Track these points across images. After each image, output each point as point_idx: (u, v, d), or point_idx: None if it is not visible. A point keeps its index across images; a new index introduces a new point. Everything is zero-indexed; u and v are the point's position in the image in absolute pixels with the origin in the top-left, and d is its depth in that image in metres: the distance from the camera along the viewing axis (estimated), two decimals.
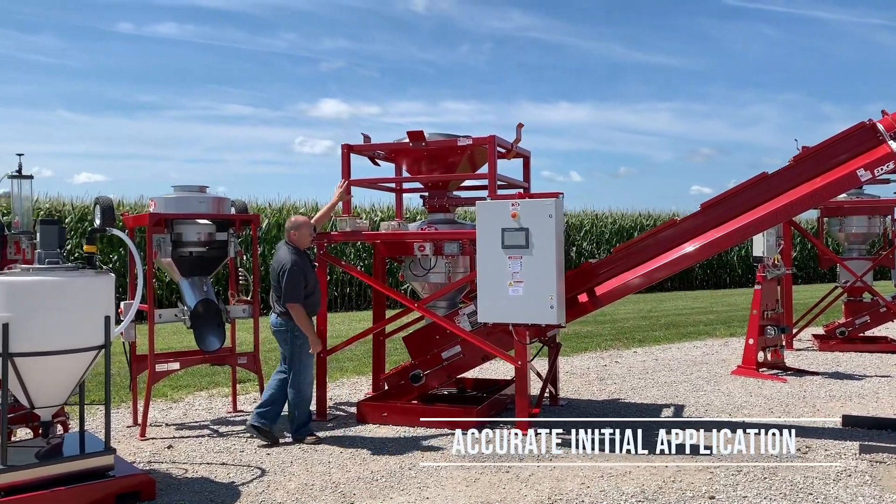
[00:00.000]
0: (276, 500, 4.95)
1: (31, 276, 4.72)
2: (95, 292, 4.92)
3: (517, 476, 5.40)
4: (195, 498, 4.98)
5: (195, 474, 5.53)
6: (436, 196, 7.45)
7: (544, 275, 6.09)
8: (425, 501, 4.91)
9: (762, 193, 6.43)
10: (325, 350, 7.32)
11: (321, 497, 5.01)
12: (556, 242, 6.11)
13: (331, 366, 10.17)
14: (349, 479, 5.39)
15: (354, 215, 7.51)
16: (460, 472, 5.50)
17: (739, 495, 4.95)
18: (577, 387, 8.86)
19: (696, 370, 9.96)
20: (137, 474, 5.03)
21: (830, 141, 6.26)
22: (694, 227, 6.61)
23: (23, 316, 4.60)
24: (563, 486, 5.15)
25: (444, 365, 7.25)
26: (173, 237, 6.92)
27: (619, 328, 14.89)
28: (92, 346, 4.89)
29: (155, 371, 6.70)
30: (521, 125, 7.23)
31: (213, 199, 7.15)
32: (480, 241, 6.31)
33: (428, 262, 7.21)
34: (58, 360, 4.74)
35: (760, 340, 9.53)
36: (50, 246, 4.98)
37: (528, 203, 6.17)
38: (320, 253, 7.29)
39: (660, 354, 11.47)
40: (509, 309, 6.23)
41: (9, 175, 5.44)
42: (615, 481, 5.25)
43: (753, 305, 9.63)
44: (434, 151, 7.08)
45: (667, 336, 13.60)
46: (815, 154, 6.32)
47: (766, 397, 8.12)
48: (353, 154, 7.30)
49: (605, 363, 10.66)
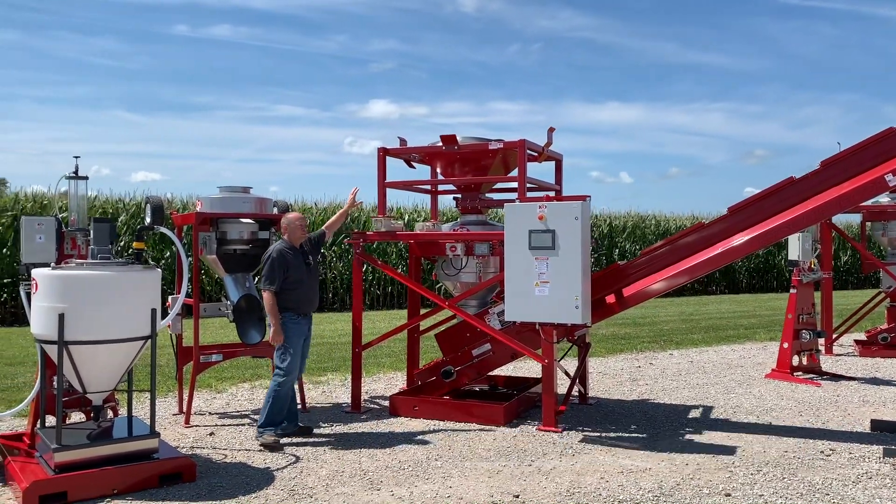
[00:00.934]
0: (307, 485, 5.24)
1: (85, 270, 5.09)
2: (143, 286, 5.27)
3: (539, 469, 5.58)
4: (232, 481, 5.29)
5: (233, 460, 5.85)
6: (468, 198, 7.66)
7: (570, 276, 6.26)
8: (448, 490, 5.13)
9: (789, 198, 6.48)
10: (360, 346, 7.61)
11: (350, 483, 5.27)
12: (583, 244, 6.27)
13: (368, 361, 10.51)
14: (377, 467, 5.65)
15: (395, 216, 7.77)
16: (484, 465, 5.71)
17: (756, 493, 5.05)
18: (608, 387, 8.98)
19: (730, 373, 9.97)
20: (179, 457, 5.37)
21: (859, 146, 6.29)
22: (720, 230, 6.69)
23: (76, 307, 4.96)
24: (582, 480, 5.32)
25: (474, 362, 7.48)
26: (218, 235, 7.26)
27: (657, 330, 14.89)
28: (139, 336, 5.23)
29: (199, 362, 7.06)
30: (552, 129, 7.40)
31: (256, 199, 7.48)
32: (508, 242, 6.50)
33: (459, 262, 7.44)
34: (108, 348, 5.10)
35: (795, 344, 9.51)
36: (102, 242, 5.35)
37: (555, 205, 6.35)
38: (356, 252, 7.57)
39: (696, 357, 11.48)
40: (535, 308, 6.41)
41: (66, 176, 5.83)
42: (634, 477, 5.39)
43: (788, 309, 9.62)
44: (466, 155, 7.30)
45: (705, 339, 13.58)
46: (843, 159, 6.35)
47: (798, 401, 8.13)
48: (388, 157, 7.56)
49: (639, 365, 10.73)
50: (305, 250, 6.55)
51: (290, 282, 6.30)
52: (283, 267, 6.27)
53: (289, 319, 6.29)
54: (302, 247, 6.53)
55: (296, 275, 6.33)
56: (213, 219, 7.24)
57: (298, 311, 6.38)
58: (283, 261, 6.28)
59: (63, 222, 5.98)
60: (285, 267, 6.28)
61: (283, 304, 6.28)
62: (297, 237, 6.48)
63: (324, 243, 6.89)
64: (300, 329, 6.37)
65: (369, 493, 5.07)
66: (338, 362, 10.59)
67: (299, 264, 6.40)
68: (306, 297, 6.46)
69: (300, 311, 6.40)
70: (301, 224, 6.51)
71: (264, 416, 6.27)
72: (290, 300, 6.32)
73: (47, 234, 5.75)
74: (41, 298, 5.05)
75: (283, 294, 6.28)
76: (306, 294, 6.45)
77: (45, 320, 5.01)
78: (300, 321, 6.37)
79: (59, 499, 4.77)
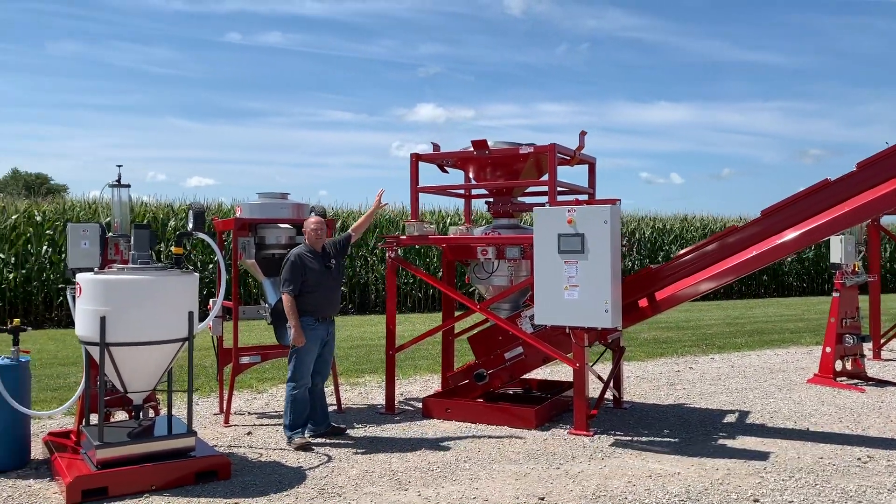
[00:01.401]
0: (337, 484, 5.36)
1: (125, 274, 5.31)
2: (181, 290, 5.47)
3: (567, 472, 5.61)
4: (265, 480, 5.45)
5: (268, 459, 6.02)
6: (500, 202, 7.72)
7: (599, 279, 6.27)
8: (474, 491, 5.20)
9: (825, 200, 6.38)
10: (394, 348, 7.73)
11: (378, 483, 5.38)
12: (612, 248, 6.28)
13: (406, 364, 10.64)
14: (407, 468, 5.74)
15: (428, 220, 7.87)
16: (513, 467, 5.76)
17: (785, 500, 5.00)
18: (644, 391, 8.93)
19: (771, 378, 9.82)
20: (215, 455, 5.55)
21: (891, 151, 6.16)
22: (753, 234, 6.62)
23: (117, 310, 5.18)
24: (609, 484, 5.33)
25: (506, 365, 7.53)
26: (257, 240, 7.46)
27: (700, 334, 14.70)
28: (177, 338, 5.43)
29: (238, 363, 7.26)
30: (583, 133, 7.41)
31: (293, 204, 7.66)
32: (537, 246, 6.55)
33: (490, 266, 7.50)
34: (147, 350, 5.31)
35: (838, 349, 9.31)
36: (142, 248, 5.57)
37: (584, 209, 6.37)
38: (390, 256, 7.70)
39: (737, 361, 11.32)
40: (565, 312, 6.44)
41: (109, 184, 6.09)
42: (662, 481, 5.38)
43: (831, 313, 9.43)
44: (497, 159, 7.36)
45: (748, 343, 13.36)
46: (880, 160, 6.22)
47: (839, 406, 7.97)
48: (421, 162, 7.66)
49: (679, 369, 10.63)
50: (328, 253, 6.58)
51: (308, 285, 6.35)
52: (302, 270, 6.33)
53: (306, 325, 6.35)
54: (325, 250, 6.57)
55: (314, 278, 6.37)
56: (251, 224, 7.45)
57: (317, 315, 6.43)
58: (301, 264, 6.36)
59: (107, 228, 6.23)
60: (304, 270, 6.34)
61: (301, 308, 6.34)
62: (313, 241, 6.51)
63: (350, 246, 6.95)
64: (316, 334, 6.41)
65: (397, 493, 5.17)
66: (376, 364, 10.73)
67: (319, 268, 6.44)
68: (325, 301, 6.50)
69: (318, 315, 6.44)
70: (316, 228, 6.53)
71: (287, 421, 6.42)
72: (308, 304, 6.37)
73: (92, 239, 6.00)
74: (84, 302, 5.28)
75: (302, 297, 6.34)
76: (325, 298, 6.48)
77: (88, 323, 5.24)
78: (317, 326, 6.42)
79: (101, 493, 4.99)
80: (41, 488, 5.26)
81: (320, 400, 6.72)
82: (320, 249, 6.54)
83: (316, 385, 6.66)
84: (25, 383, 5.85)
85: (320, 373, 6.67)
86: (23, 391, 5.78)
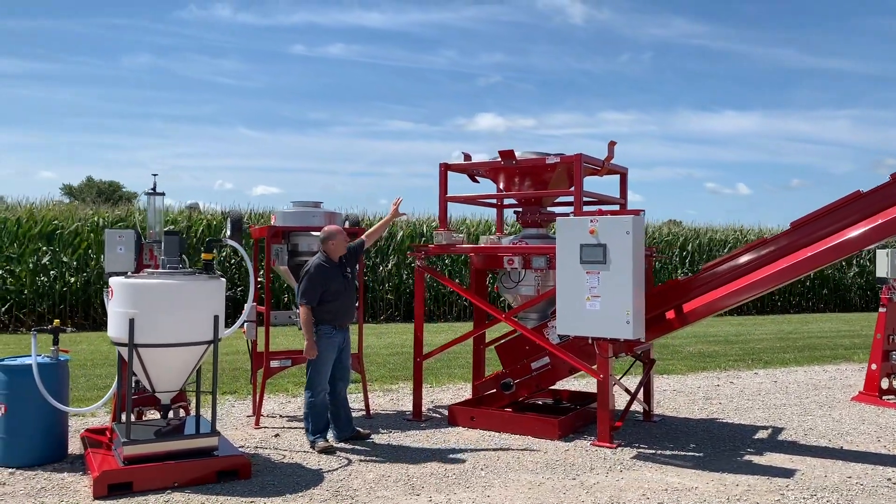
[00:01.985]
0: (352, 487, 5.47)
1: (154, 279, 5.54)
2: (207, 294, 5.68)
3: (582, 484, 5.59)
4: (284, 480, 5.59)
5: (290, 461, 6.17)
6: (528, 211, 7.75)
7: (621, 290, 6.24)
8: (486, 499, 5.23)
9: (856, 212, 6.22)
10: (421, 356, 7.81)
11: (393, 487, 5.47)
12: (634, 258, 6.24)
13: (441, 371, 10.74)
14: (423, 473, 5.81)
15: (456, 230, 7.95)
16: (529, 477, 5.77)
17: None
18: (679, 405, 8.79)
19: (813, 394, 9.54)
20: (237, 455, 5.72)
21: None
22: (783, 246, 6.49)
23: (145, 313, 5.41)
24: (622, 496, 5.30)
25: (533, 375, 7.53)
26: (290, 247, 7.66)
27: (748, 349, 14.38)
28: (203, 340, 5.63)
29: (269, 367, 7.46)
30: (613, 143, 7.38)
31: (325, 213, 7.83)
32: (560, 256, 6.55)
33: (517, 275, 7.53)
34: (173, 351, 5.52)
35: (885, 366, 9.01)
36: (172, 253, 5.80)
37: (606, 220, 6.35)
38: (418, 265, 7.80)
39: (782, 377, 11.03)
40: (587, 322, 6.42)
41: (145, 192, 6.36)
42: (678, 495, 5.32)
43: (877, 329, 9.14)
44: (525, 169, 7.40)
45: (797, 358, 13.00)
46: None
47: (880, 426, 7.70)
48: (451, 172, 7.75)
49: (719, 384, 10.41)
50: (344, 262, 6.66)
51: (328, 295, 6.45)
52: (322, 281, 6.43)
53: (324, 333, 6.46)
54: (341, 259, 6.64)
55: (334, 288, 6.47)
56: (285, 232, 7.65)
57: (335, 324, 6.52)
58: (320, 275, 6.45)
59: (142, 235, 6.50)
60: (323, 281, 6.44)
61: (320, 317, 6.45)
62: (337, 251, 6.58)
63: (362, 252, 7.00)
64: (333, 343, 6.51)
65: (409, 498, 5.25)
66: (412, 372, 10.82)
67: (337, 277, 6.53)
68: (344, 310, 6.61)
69: (336, 324, 6.54)
70: (342, 238, 6.60)
71: (308, 426, 6.55)
72: (327, 312, 6.48)
73: (127, 245, 6.27)
74: (116, 304, 5.53)
75: (321, 306, 6.44)
76: (344, 306, 6.59)
77: (119, 324, 5.48)
78: (334, 335, 6.52)
79: (126, 488, 5.21)
80: (73, 481, 5.52)
81: (344, 406, 6.84)
82: (337, 259, 6.65)
83: (339, 392, 6.78)
84: (63, 381, 6.15)
85: (342, 379, 6.78)
86: (61, 388, 6.07)
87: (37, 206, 19.62)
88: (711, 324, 20.36)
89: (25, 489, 5.34)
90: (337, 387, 6.77)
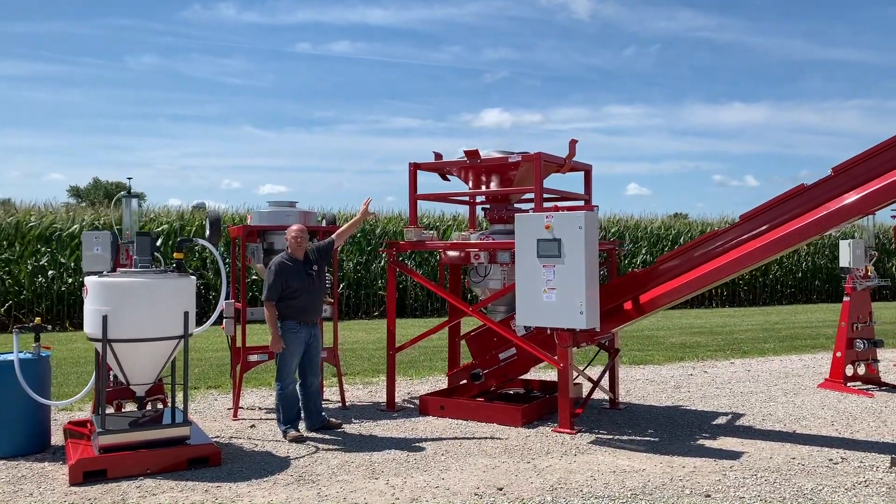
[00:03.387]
0: (315, 472, 5.77)
1: (125, 277, 5.85)
2: (177, 292, 5.98)
3: (535, 467, 5.88)
4: (252, 467, 5.90)
5: (262, 449, 6.47)
6: (496, 208, 8.03)
7: (574, 282, 6.52)
8: (440, 481, 5.52)
9: (800, 206, 6.48)
10: (394, 348, 8.11)
11: (354, 472, 5.76)
12: (587, 252, 6.51)
13: (422, 364, 11.02)
14: (385, 459, 6.11)
15: (425, 227, 8.23)
16: (485, 461, 6.06)
17: (738, 496, 5.15)
18: (648, 393, 9.06)
19: (783, 382, 9.81)
20: (208, 444, 6.02)
21: (868, 153, 6.21)
22: (732, 239, 6.75)
23: (118, 310, 5.72)
24: (571, 478, 5.58)
25: (501, 365, 7.82)
26: (265, 246, 7.96)
27: (731, 339, 14.63)
28: (173, 335, 5.93)
29: (247, 361, 7.76)
30: (574, 141, 7.65)
31: (300, 212, 8.12)
32: (519, 250, 6.83)
33: (484, 270, 7.82)
34: (145, 346, 5.83)
35: (849, 354, 9.26)
36: (143, 253, 6.11)
37: (561, 216, 6.63)
38: (390, 261, 8.08)
39: (757, 366, 11.29)
40: (544, 313, 6.71)
41: (121, 195, 6.66)
42: (623, 477, 5.60)
43: (841, 318, 9.39)
44: (490, 167, 7.67)
45: (776, 348, 13.26)
46: (853, 166, 6.28)
47: (838, 411, 7.96)
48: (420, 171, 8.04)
49: (692, 373, 10.68)
50: (311, 260, 6.92)
51: (290, 291, 6.73)
52: (283, 278, 6.71)
53: (288, 328, 6.76)
54: (307, 256, 6.92)
55: (296, 284, 6.74)
56: (260, 231, 7.95)
57: (299, 320, 6.81)
58: (281, 272, 6.74)
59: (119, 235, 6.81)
60: (284, 278, 6.72)
61: (284, 313, 6.75)
62: (294, 248, 6.86)
63: (332, 251, 7.24)
64: (298, 337, 6.80)
65: (367, 481, 5.54)
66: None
67: (300, 274, 6.80)
68: (307, 306, 6.86)
69: (301, 320, 6.82)
70: (296, 236, 6.86)
71: (280, 417, 6.86)
72: (290, 308, 6.77)
73: (103, 245, 6.59)
74: (90, 302, 5.84)
75: (284, 303, 6.74)
76: (307, 303, 6.84)
77: (93, 321, 5.79)
78: (300, 330, 6.80)
79: (101, 475, 5.52)
80: (52, 470, 5.84)
81: (314, 398, 7.12)
82: (301, 256, 6.89)
83: (310, 385, 7.07)
84: (45, 376, 6.46)
85: (312, 373, 7.06)
86: (43, 383, 6.38)
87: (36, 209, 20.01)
88: (699, 315, 20.63)
89: (6, 477, 5.66)
90: (308, 380, 7.07)
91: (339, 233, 7.39)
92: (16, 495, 5.27)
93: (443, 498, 5.16)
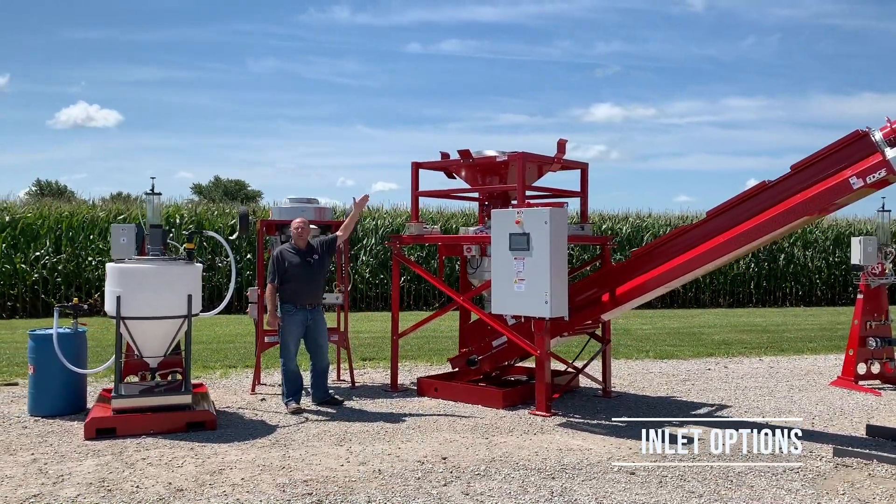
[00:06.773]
0: (293, 438, 6.50)
1: (136, 264, 6.77)
2: (182, 277, 6.85)
3: (490, 442, 6.39)
4: (241, 432, 6.69)
5: (259, 418, 7.27)
6: (492, 205, 8.53)
7: (541, 273, 6.97)
8: (396, 450, 6.13)
9: (764, 202, 6.67)
10: (397, 334, 8.76)
11: (325, 440, 6.46)
12: (552, 246, 6.94)
13: (434, 349, 11.69)
14: (358, 430, 6.78)
15: (426, 221, 8.84)
16: (448, 435, 6.62)
17: (660, 475, 5.50)
18: (651, 385, 9.30)
19: (797, 380, 9.81)
20: (205, 411, 6.88)
21: (828, 150, 6.35)
22: (700, 235, 7.01)
23: (129, 291, 6.64)
24: (516, 453, 6.06)
25: (493, 351, 8.34)
26: (282, 238, 8.78)
27: (776, 338, 14.44)
28: (178, 315, 6.81)
29: (264, 342, 8.62)
30: (563, 140, 8.04)
31: (317, 208, 8.91)
32: (494, 244, 7.34)
33: (476, 262, 8.35)
34: (153, 323, 6.74)
35: (861, 352, 9.20)
36: (155, 244, 7.03)
37: (529, 212, 7.09)
38: (394, 253, 8.75)
39: (783, 364, 11.24)
40: (515, 302, 7.19)
41: (145, 193, 7.62)
42: (563, 454, 6.02)
43: (855, 316, 9.33)
44: (483, 166, 8.19)
45: (817, 347, 13.04)
46: (813, 163, 6.43)
47: (831, 407, 8.01)
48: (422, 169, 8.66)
49: (711, 367, 10.79)
50: (313, 249, 7.69)
51: (288, 276, 7.54)
52: (280, 264, 7.54)
53: (286, 311, 7.58)
54: (310, 246, 7.70)
55: (293, 271, 7.54)
56: (279, 224, 8.78)
57: (295, 303, 7.58)
58: (281, 258, 7.56)
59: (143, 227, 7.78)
60: (282, 264, 7.53)
61: (283, 296, 7.59)
62: (295, 238, 7.66)
63: (336, 244, 7.92)
64: (294, 319, 7.57)
65: (332, 447, 6.22)
66: (408, 351, 11.77)
67: (299, 262, 7.58)
68: (302, 291, 7.61)
69: (297, 303, 7.59)
70: (297, 227, 7.64)
71: (284, 390, 7.67)
72: (287, 292, 7.59)
73: (129, 236, 7.56)
74: (109, 284, 6.80)
75: (283, 287, 7.58)
76: (302, 288, 7.60)
77: (110, 301, 6.74)
78: (296, 313, 7.57)
79: (110, 432, 6.45)
80: (77, 427, 6.83)
81: (320, 377, 7.89)
82: (304, 246, 7.67)
83: (316, 365, 7.86)
84: (81, 349, 7.50)
85: (317, 354, 7.82)
86: (79, 354, 7.42)
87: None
88: (761, 314, 20.21)
89: (38, 431, 6.69)
90: (314, 362, 7.86)
91: (342, 227, 8.13)
92: (40, 445, 6.27)
93: (387, 463, 5.77)
